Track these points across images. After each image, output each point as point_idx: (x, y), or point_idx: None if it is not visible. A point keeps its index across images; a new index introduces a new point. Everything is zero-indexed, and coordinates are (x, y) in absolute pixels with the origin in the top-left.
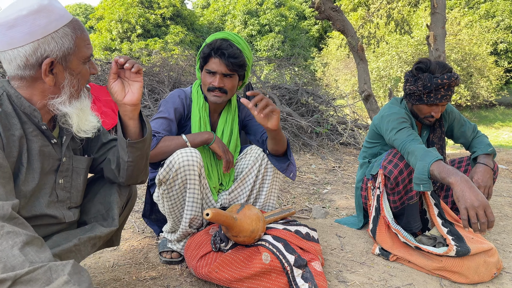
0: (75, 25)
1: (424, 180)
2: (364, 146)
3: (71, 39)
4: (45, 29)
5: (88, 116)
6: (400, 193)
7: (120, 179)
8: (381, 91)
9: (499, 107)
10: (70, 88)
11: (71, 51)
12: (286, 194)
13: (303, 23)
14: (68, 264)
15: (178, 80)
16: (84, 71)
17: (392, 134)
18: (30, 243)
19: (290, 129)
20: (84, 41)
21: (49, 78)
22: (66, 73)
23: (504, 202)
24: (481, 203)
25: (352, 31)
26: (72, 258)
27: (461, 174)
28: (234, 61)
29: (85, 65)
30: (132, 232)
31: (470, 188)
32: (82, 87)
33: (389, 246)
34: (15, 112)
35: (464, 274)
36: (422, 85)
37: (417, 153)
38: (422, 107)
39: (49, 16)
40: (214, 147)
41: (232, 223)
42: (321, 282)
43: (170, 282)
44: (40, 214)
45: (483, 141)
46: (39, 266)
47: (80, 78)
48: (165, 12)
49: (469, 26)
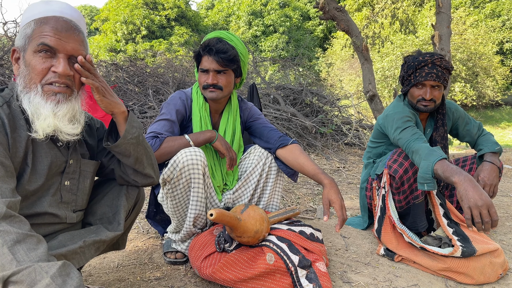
0: (43, 21)
1: (428, 179)
2: (369, 146)
3: (31, 31)
4: (23, 22)
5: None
6: (406, 193)
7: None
8: (386, 91)
9: (505, 107)
10: (23, 79)
11: (28, 42)
12: (290, 194)
13: (307, 24)
14: (54, 265)
15: (182, 81)
16: (34, 62)
17: (397, 134)
18: (22, 242)
19: (295, 130)
20: (39, 34)
21: (15, 66)
22: (22, 63)
23: (510, 202)
24: (484, 202)
25: (357, 31)
26: (77, 259)
27: (465, 173)
28: (223, 56)
29: (36, 56)
30: (136, 232)
31: (474, 187)
32: (35, 83)
33: (394, 246)
34: (22, 114)
35: (470, 274)
36: (407, 66)
37: (421, 152)
38: (413, 90)
39: (28, 12)
40: (217, 145)
41: (236, 224)
42: (326, 282)
43: (175, 282)
44: (41, 212)
45: (489, 139)
46: (24, 267)
47: (31, 70)
48: (169, 13)
49: (474, 26)
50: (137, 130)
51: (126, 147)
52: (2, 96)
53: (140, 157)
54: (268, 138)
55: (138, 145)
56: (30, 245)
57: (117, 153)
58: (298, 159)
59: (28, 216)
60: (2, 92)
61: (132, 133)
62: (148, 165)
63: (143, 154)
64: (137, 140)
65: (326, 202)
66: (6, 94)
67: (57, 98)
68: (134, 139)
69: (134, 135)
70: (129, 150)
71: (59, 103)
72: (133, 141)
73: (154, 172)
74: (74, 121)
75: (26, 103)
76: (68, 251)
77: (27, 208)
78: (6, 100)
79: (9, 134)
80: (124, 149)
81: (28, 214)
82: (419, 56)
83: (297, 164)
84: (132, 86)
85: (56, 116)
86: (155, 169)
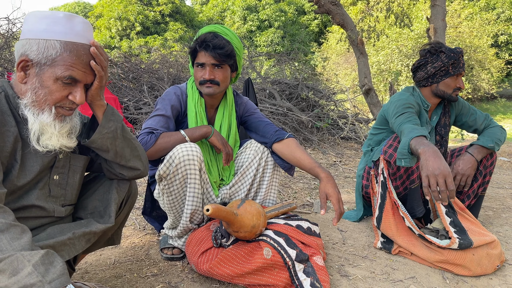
0: (71, 48)
1: (405, 154)
2: (370, 133)
3: (55, 53)
4: (38, 33)
5: (53, 136)
6: (402, 178)
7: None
8: (381, 85)
9: (501, 100)
10: (33, 94)
11: (48, 63)
12: (287, 189)
13: (302, 18)
14: (37, 254)
15: (177, 77)
16: (53, 89)
17: (394, 118)
18: (5, 231)
19: (291, 124)
20: (66, 63)
21: (20, 74)
22: (35, 79)
23: (506, 194)
24: (441, 171)
25: (352, 25)
26: (66, 251)
27: (432, 146)
28: (220, 51)
29: (57, 83)
30: (133, 229)
31: (435, 158)
32: (49, 104)
33: (393, 233)
34: (10, 111)
35: (467, 266)
36: (446, 57)
37: (406, 130)
38: (449, 81)
39: (49, 25)
40: (213, 140)
41: (232, 219)
42: (323, 276)
43: (172, 278)
44: (28, 205)
45: (493, 133)
46: (7, 256)
47: (48, 93)
48: (164, 9)
49: (469, 19)
50: (114, 123)
51: (103, 141)
52: None
53: (120, 151)
54: (264, 133)
55: (116, 139)
56: (14, 234)
57: (95, 148)
58: (294, 153)
59: (14, 210)
60: None
61: (108, 127)
62: (133, 157)
63: (124, 147)
64: (113, 134)
65: (323, 195)
66: None
67: (64, 118)
68: (111, 133)
69: (110, 129)
70: (106, 144)
71: (64, 122)
72: (109, 135)
73: (142, 163)
74: (71, 134)
75: (32, 118)
76: (56, 242)
77: (13, 202)
78: None
79: None
80: (100, 144)
81: (15, 208)
82: (454, 48)
83: (293, 158)
84: (127, 82)
85: (60, 134)
86: (143, 160)
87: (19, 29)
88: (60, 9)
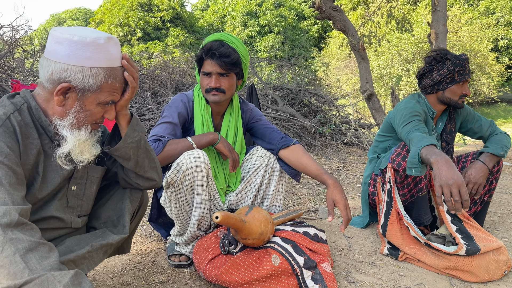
0: (113, 74)
1: (415, 163)
2: (376, 140)
3: (99, 81)
4: (82, 60)
5: (85, 150)
6: (410, 186)
7: (133, 179)
8: (382, 90)
9: (501, 104)
10: (74, 117)
11: (92, 90)
12: (291, 195)
13: (302, 23)
14: (67, 274)
15: (180, 83)
16: (95, 111)
17: (402, 127)
18: (34, 250)
19: (294, 130)
20: (110, 89)
21: (59, 98)
22: (77, 103)
23: (510, 199)
24: (455, 181)
25: (353, 30)
26: (85, 264)
27: (444, 155)
28: (226, 60)
29: (98, 106)
30: (139, 236)
31: (448, 168)
32: (87, 123)
33: (399, 242)
34: (33, 123)
35: (474, 272)
36: (452, 64)
37: (415, 139)
38: (455, 88)
39: (93, 53)
40: (219, 147)
41: (241, 226)
42: (331, 283)
43: (180, 285)
44: (47, 216)
45: (500, 140)
46: (37, 276)
47: (88, 115)
48: (164, 15)
49: (469, 23)
50: (139, 134)
51: (126, 150)
52: (14, 103)
53: (141, 161)
54: (270, 139)
55: (139, 148)
56: (42, 253)
57: (117, 156)
58: (301, 160)
59: (34, 222)
60: (13, 99)
61: (133, 136)
62: (151, 168)
63: (144, 158)
64: (137, 144)
65: (330, 202)
66: (18, 102)
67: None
68: (135, 143)
69: (135, 138)
70: (128, 153)
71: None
72: (133, 144)
73: (158, 175)
74: (95, 143)
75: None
76: (76, 256)
77: (33, 213)
78: (18, 107)
79: (21, 142)
80: (123, 153)
81: (34, 219)
82: (459, 55)
83: (300, 164)
84: None
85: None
86: (159, 172)
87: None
88: (61, 15)
